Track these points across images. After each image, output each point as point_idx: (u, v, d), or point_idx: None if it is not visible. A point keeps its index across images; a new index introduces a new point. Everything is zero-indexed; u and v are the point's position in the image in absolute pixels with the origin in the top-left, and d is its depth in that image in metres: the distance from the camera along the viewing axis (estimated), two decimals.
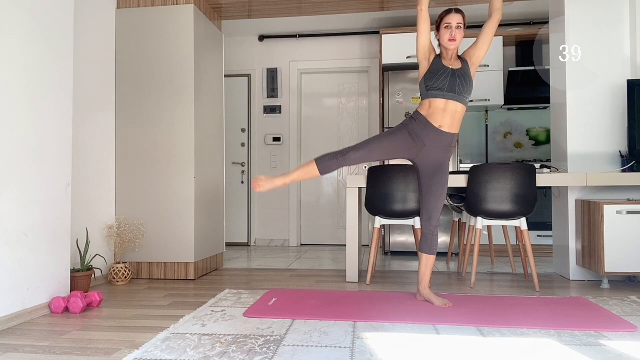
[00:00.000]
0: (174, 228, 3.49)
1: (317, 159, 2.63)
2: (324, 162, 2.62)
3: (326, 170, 2.63)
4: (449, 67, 2.56)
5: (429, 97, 2.58)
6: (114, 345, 1.98)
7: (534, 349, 1.89)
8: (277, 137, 5.56)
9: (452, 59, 2.61)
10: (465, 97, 2.57)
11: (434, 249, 2.65)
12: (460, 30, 2.55)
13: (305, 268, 3.93)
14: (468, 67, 2.60)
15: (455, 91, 2.53)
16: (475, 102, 4.83)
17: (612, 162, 3.38)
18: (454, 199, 3.66)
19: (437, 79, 2.54)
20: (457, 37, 2.53)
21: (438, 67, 2.56)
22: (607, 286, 3.13)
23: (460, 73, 2.55)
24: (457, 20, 2.53)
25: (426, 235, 2.67)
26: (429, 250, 2.66)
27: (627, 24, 3.38)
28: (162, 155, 3.52)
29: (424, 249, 2.68)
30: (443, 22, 2.57)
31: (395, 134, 2.62)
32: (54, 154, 2.62)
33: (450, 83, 2.53)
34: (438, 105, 2.55)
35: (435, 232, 2.65)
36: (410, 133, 2.60)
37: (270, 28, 5.37)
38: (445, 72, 2.55)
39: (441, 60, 2.60)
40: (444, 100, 2.54)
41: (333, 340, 2.01)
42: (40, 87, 2.54)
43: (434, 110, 2.56)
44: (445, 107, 2.55)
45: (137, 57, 3.57)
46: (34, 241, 2.48)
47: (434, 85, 2.54)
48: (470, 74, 2.59)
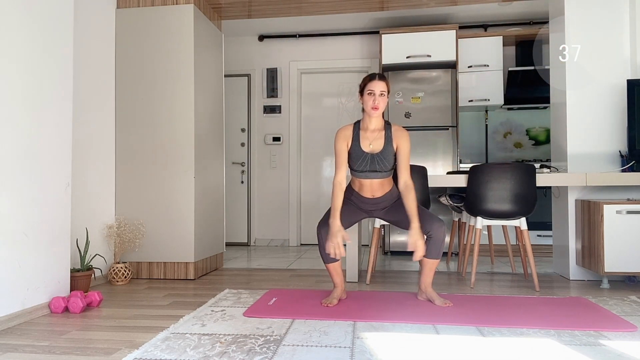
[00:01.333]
0: (174, 228, 3.49)
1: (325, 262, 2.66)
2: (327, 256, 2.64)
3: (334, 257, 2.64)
4: (368, 153, 2.60)
5: (355, 177, 2.69)
6: (114, 345, 1.98)
7: (534, 349, 1.89)
8: (277, 137, 5.56)
9: (375, 130, 2.62)
10: (389, 170, 2.63)
11: (441, 253, 2.59)
12: (384, 98, 2.55)
13: (305, 268, 3.93)
14: (391, 148, 2.61)
15: (377, 170, 2.61)
16: (475, 102, 4.83)
17: (612, 162, 3.38)
18: (454, 199, 3.66)
19: (360, 164, 2.61)
20: (381, 105, 2.54)
21: (358, 153, 2.61)
22: (607, 286, 3.13)
23: (379, 157, 2.59)
24: (381, 88, 2.54)
25: (436, 240, 2.55)
26: (437, 255, 2.57)
27: (627, 24, 3.38)
28: (162, 156, 3.52)
29: (433, 255, 2.56)
30: (366, 88, 2.57)
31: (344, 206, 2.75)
32: (54, 154, 2.62)
33: (371, 166, 2.60)
34: (365, 183, 2.67)
35: (444, 235, 2.55)
36: (356, 206, 2.75)
37: (270, 28, 5.37)
38: (365, 159, 2.60)
39: (360, 140, 2.61)
40: (369, 180, 2.65)
41: (333, 340, 2.01)
42: (40, 87, 2.54)
43: (362, 187, 2.68)
44: (371, 183, 2.66)
45: (137, 57, 3.57)
46: (34, 241, 2.48)
47: (357, 169, 2.63)
48: (391, 155, 2.61)
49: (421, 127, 4.67)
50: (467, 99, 4.85)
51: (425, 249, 2.54)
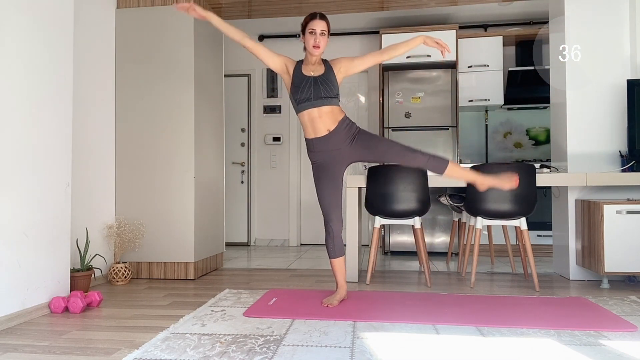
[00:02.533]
0: (174, 228, 3.49)
1: (331, 257, 2.65)
2: (332, 249, 2.64)
3: (340, 250, 2.65)
4: (310, 75, 2.57)
5: (302, 110, 2.60)
6: (114, 345, 1.98)
7: (534, 349, 1.89)
8: (277, 137, 5.56)
9: (315, 64, 2.61)
10: (333, 97, 2.57)
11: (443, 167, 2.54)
12: (324, 37, 2.55)
13: (305, 268, 3.93)
14: (332, 73, 2.59)
15: (322, 96, 2.55)
16: (475, 102, 4.83)
17: (612, 162, 3.38)
18: (454, 199, 3.66)
19: (302, 91, 2.56)
20: (322, 44, 2.54)
21: (300, 79, 2.58)
22: (607, 286, 3.13)
23: (322, 80, 2.56)
24: (322, 27, 2.54)
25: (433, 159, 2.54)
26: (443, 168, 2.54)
27: (627, 24, 3.38)
28: (162, 156, 3.52)
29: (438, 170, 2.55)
30: (308, 27, 2.56)
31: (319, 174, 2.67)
32: (54, 154, 2.62)
33: (315, 91, 2.55)
34: (314, 116, 2.57)
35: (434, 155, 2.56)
36: (322, 159, 2.65)
37: (270, 28, 5.37)
38: (307, 83, 2.56)
39: (302, 69, 2.60)
40: (316, 109, 2.56)
41: (333, 340, 2.01)
42: (40, 87, 2.54)
43: (313, 122, 2.58)
44: (319, 113, 2.56)
45: (137, 57, 3.57)
46: (34, 241, 2.48)
47: (301, 98, 2.56)
48: (334, 79, 2.59)
49: (421, 127, 4.67)
50: (467, 99, 4.85)
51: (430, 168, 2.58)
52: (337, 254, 2.65)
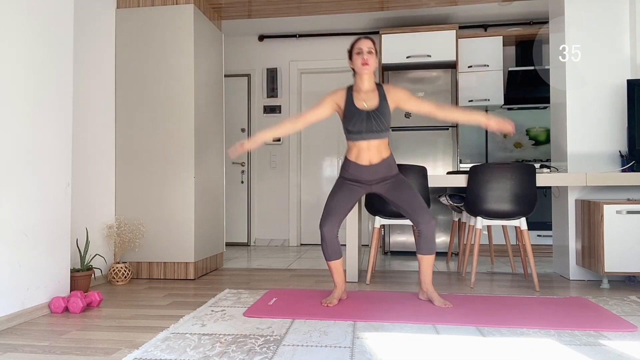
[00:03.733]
0: (174, 228, 3.49)
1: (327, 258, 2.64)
2: (327, 252, 2.63)
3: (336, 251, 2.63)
4: (364, 110, 2.56)
5: (352, 140, 2.62)
6: (114, 345, 1.98)
7: (534, 349, 1.89)
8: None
9: (368, 91, 2.60)
10: (385, 130, 2.58)
11: (433, 249, 2.60)
12: (373, 56, 2.55)
13: (305, 268, 3.93)
14: (386, 105, 2.58)
15: (374, 130, 2.55)
16: (475, 102, 4.83)
17: (612, 162, 3.38)
18: (454, 199, 3.66)
19: (355, 124, 2.55)
20: (371, 62, 2.54)
21: (352, 112, 2.57)
22: (607, 286, 3.13)
23: (375, 115, 2.55)
24: (368, 45, 2.55)
25: (426, 236, 2.57)
26: (430, 251, 2.59)
27: (627, 24, 3.38)
28: (162, 156, 3.52)
29: (425, 250, 2.59)
30: (354, 49, 2.58)
31: (340, 189, 2.66)
32: (54, 154, 2.62)
33: (368, 125, 2.54)
34: (362, 147, 2.59)
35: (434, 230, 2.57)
36: (351, 182, 2.65)
37: (270, 28, 5.37)
38: (360, 117, 2.55)
39: (353, 99, 2.59)
40: (366, 141, 2.58)
41: (333, 340, 2.01)
42: (40, 87, 2.54)
43: (359, 152, 2.60)
44: (368, 146, 2.59)
45: (137, 57, 3.57)
46: (34, 241, 2.48)
47: (352, 130, 2.57)
48: (387, 112, 2.58)
49: (421, 127, 4.67)
50: (467, 99, 4.85)
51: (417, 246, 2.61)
52: (332, 257, 2.63)
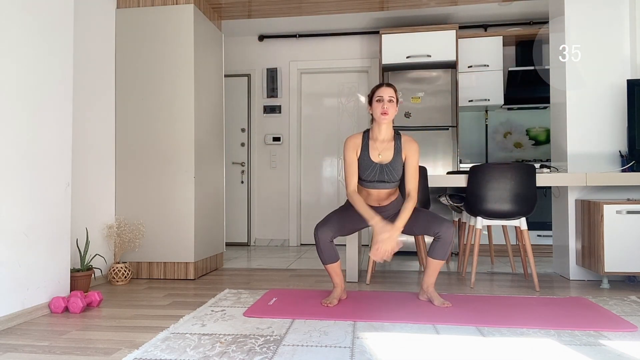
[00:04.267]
0: (174, 228, 3.49)
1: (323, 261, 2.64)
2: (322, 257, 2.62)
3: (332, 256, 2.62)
4: (377, 163, 2.59)
5: (362, 186, 2.66)
6: (114, 345, 1.98)
7: (534, 349, 1.89)
8: (277, 137, 5.55)
9: (385, 141, 2.61)
10: (396, 183, 2.63)
11: (447, 254, 2.59)
12: (393, 104, 2.55)
13: (305, 268, 3.93)
14: (400, 159, 2.61)
15: (385, 181, 2.60)
16: (475, 102, 4.83)
17: (612, 162, 3.38)
18: (454, 199, 3.66)
19: (368, 174, 2.60)
20: (390, 111, 2.54)
21: (367, 163, 2.60)
22: (607, 286, 3.13)
23: (388, 168, 2.59)
24: (389, 94, 2.55)
25: (445, 241, 2.54)
26: (444, 256, 2.58)
27: (627, 24, 3.38)
28: (162, 155, 3.52)
29: (439, 255, 2.57)
30: (375, 95, 2.58)
31: (348, 211, 2.70)
32: (54, 154, 2.62)
33: (380, 176, 2.60)
34: (372, 193, 2.66)
35: (452, 236, 2.55)
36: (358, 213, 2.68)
37: (270, 28, 5.37)
38: (374, 169, 2.59)
39: (369, 152, 2.61)
40: (376, 190, 2.64)
41: (333, 340, 2.01)
42: (40, 87, 2.54)
43: (369, 196, 2.68)
44: (378, 193, 2.66)
45: (137, 57, 3.57)
46: (34, 241, 2.48)
47: (365, 179, 2.62)
48: (399, 166, 2.61)
49: (421, 127, 4.67)
50: (467, 99, 4.85)
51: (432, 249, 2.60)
52: (328, 261, 2.64)
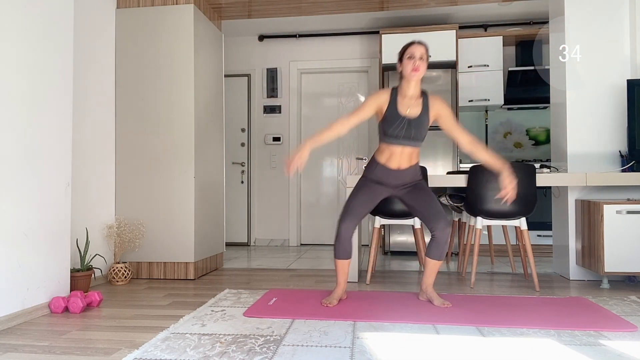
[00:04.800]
0: (174, 228, 3.49)
1: (337, 256, 2.65)
2: (340, 252, 2.63)
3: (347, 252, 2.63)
4: (405, 116, 2.55)
5: (386, 142, 2.61)
6: (114, 345, 1.98)
7: (534, 349, 1.89)
8: (277, 137, 5.56)
9: (413, 98, 2.58)
10: (421, 140, 2.60)
11: (444, 255, 2.60)
12: (424, 62, 2.53)
13: (305, 268, 3.93)
14: (427, 117, 2.58)
15: (411, 138, 2.56)
16: (475, 102, 4.83)
17: (612, 162, 3.38)
18: (454, 199, 3.66)
19: (394, 128, 2.55)
20: (421, 68, 2.52)
21: (394, 117, 2.56)
22: (607, 286, 3.13)
23: (416, 123, 2.55)
24: (421, 51, 2.52)
25: (439, 242, 2.56)
26: (440, 257, 2.59)
27: (627, 24, 3.38)
28: (162, 155, 3.52)
29: (435, 256, 2.59)
30: (406, 53, 2.55)
31: (363, 189, 2.66)
32: (54, 154, 2.62)
33: (406, 132, 2.55)
34: (395, 151, 2.60)
35: (448, 237, 2.56)
36: (375, 182, 2.66)
37: (270, 28, 5.37)
38: (401, 123, 2.55)
39: (397, 105, 2.57)
40: (400, 146, 2.58)
41: (333, 340, 2.01)
42: (40, 87, 2.54)
43: (391, 155, 2.61)
44: (401, 151, 2.60)
45: (137, 57, 3.57)
46: (34, 241, 2.48)
47: (390, 133, 2.56)
48: (427, 123, 2.58)
49: None
50: (467, 99, 4.85)
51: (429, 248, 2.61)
52: (342, 256, 2.64)
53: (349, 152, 5.54)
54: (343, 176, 5.54)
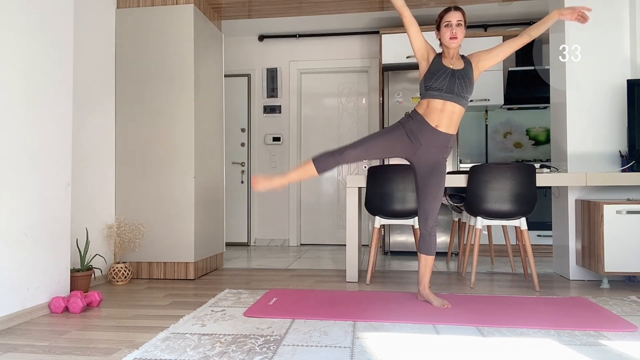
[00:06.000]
0: (174, 228, 3.49)
1: (315, 159, 2.60)
2: (321, 161, 2.58)
3: (324, 169, 2.59)
4: (450, 67, 2.53)
5: (427, 97, 2.55)
6: (114, 345, 1.98)
7: (534, 349, 1.89)
8: (277, 137, 5.56)
9: (454, 59, 2.58)
10: (465, 98, 2.54)
11: (432, 250, 2.64)
12: (461, 28, 2.51)
13: (305, 268, 3.93)
14: (471, 69, 2.56)
15: (454, 92, 2.50)
16: (475, 102, 4.83)
17: (612, 162, 3.38)
18: (454, 199, 3.66)
19: (437, 80, 2.51)
20: (459, 35, 2.50)
21: (438, 67, 2.54)
22: (607, 286, 3.13)
23: (460, 74, 2.52)
24: (458, 18, 2.51)
25: (424, 236, 2.64)
26: (428, 251, 2.64)
27: (627, 24, 3.38)
28: (162, 155, 3.52)
29: (423, 250, 2.66)
30: (443, 20, 2.54)
31: (392, 133, 2.60)
32: (54, 154, 2.62)
33: (450, 84, 2.50)
34: (436, 106, 2.53)
35: (434, 232, 2.63)
36: (407, 132, 2.58)
37: (270, 28, 5.37)
38: (445, 73, 2.52)
39: (442, 59, 2.57)
40: (442, 101, 2.52)
41: (333, 340, 2.01)
42: (40, 87, 2.54)
43: (431, 110, 2.54)
44: (443, 107, 2.52)
45: (137, 57, 3.57)
46: (34, 241, 2.48)
47: (432, 86, 2.52)
48: (472, 76, 2.55)
49: None
50: None
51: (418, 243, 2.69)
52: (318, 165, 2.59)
53: None
54: (343, 176, 5.54)
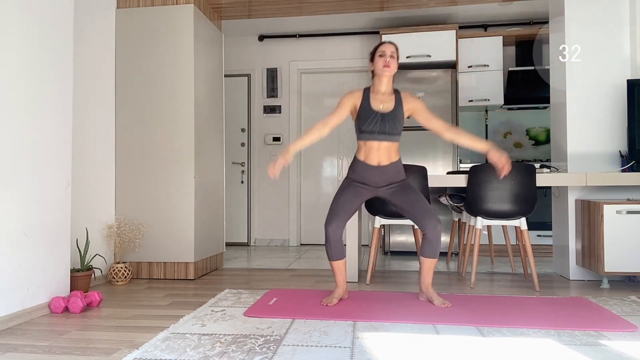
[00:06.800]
0: (174, 228, 3.49)
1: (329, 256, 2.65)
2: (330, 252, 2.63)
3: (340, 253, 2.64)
4: (378, 111, 2.59)
5: (363, 140, 2.64)
6: (114, 345, 1.98)
7: (534, 349, 1.89)
8: (277, 137, 5.56)
9: (386, 94, 2.63)
10: (397, 135, 2.63)
11: (437, 252, 2.61)
12: (394, 60, 2.58)
13: (305, 268, 3.93)
14: (401, 109, 2.62)
15: (387, 132, 2.59)
16: (475, 102, 4.83)
17: (612, 162, 3.38)
18: (454, 199, 3.66)
19: (369, 124, 2.59)
20: (392, 65, 2.57)
21: (367, 113, 2.60)
22: (607, 286, 3.13)
23: (389, 117, 2.59)
24: (391, 50, 2.59)
25: (431, 240, 2.57)
26: (434, 255, 2.60)
27: (627, 24, 3.38)
28: (162, 155, 3.52)
29: (428, 254, 2.59)
30: (378, 51, 2.62)
31: (347, 191, 2.67)
32: (54, 154, 2.62)
33: (381, 127, 2.58)
34: (372, 146, 2.62)
35: (440, 235, 2.58)
36: (358, 184, 2.67)
37: (270, 28, 5.37)
38: (375, 118, 2.58)
39: (370, 100, 2.61)
40: (377, 142, 2.61)
41: (333, 340, 2.01)
42: (40, 87, 2.54)
43: (369, 150, 2.63)
44: (379, 146, 2.62)
45: (137, 57, 3.57)
46: (34, 241, 2.48)
47: (365, 129, 2.60)
48: (401, 116, 2.62)
49: (421, 127, 4.67)
50: (467, 99, 4.85)
51: (422, 247, 2.62)
52: (335, 257, 2.64)
53: (348, 152, 5.54)
54: (343, 176, 5.54)
